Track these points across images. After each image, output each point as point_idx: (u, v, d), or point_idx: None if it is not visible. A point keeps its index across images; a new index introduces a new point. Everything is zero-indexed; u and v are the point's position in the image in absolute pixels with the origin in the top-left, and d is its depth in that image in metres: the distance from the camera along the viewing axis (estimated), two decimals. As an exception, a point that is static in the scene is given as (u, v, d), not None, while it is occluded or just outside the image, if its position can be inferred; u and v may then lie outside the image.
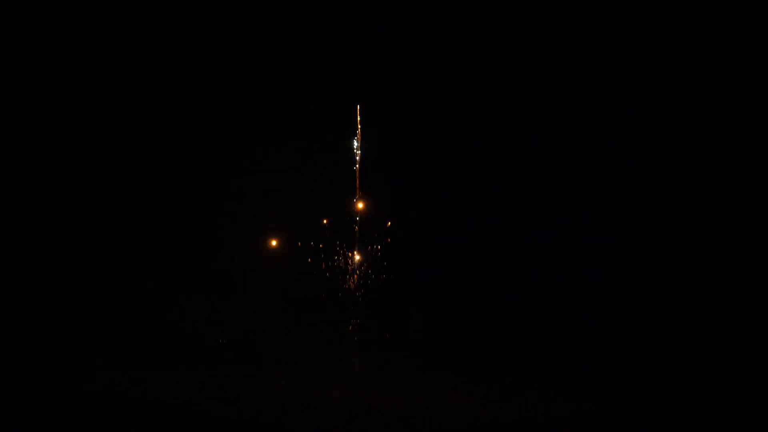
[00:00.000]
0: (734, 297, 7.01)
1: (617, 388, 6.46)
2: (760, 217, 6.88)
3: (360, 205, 7.16)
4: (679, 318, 7.00)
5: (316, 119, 7.19)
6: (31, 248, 6.91)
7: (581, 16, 7.03)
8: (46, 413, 5.59)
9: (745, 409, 5.90)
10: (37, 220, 6.93)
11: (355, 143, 7.04)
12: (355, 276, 7.16)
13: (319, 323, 7.36)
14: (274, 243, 7.32)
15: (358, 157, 7.03)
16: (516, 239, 7.09)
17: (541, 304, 7.09)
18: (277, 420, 5.54)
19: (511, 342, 7.15)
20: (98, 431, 5.29)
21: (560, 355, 7.01)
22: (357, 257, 7.21)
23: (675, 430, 5.58)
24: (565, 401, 6.15)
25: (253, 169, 7.31)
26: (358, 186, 7.09)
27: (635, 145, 7.15)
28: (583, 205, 7.14)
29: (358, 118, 6.94)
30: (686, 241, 7.07)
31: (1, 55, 6.80)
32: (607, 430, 5.59)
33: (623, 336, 7.05)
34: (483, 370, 7.15)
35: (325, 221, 7.17)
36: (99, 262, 7.05)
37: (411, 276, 7.26)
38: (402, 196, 7.31)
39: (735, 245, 6.93)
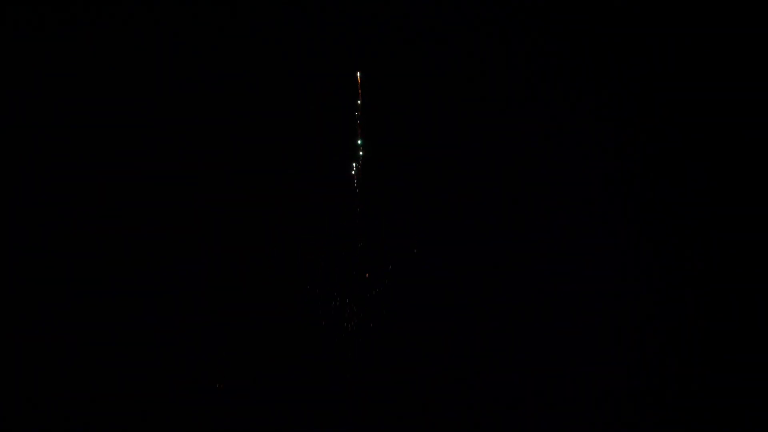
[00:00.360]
0: (735, 297, 7.06)
1: (617, 388, 6.52)
2: (760, 217, 6.92)
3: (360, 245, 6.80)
4: (679, 318, 7.03)
5: (314, 123, 7.18)
6: (31, 248, 6.94)
7: (581, 16, 7.08)
8: (45, 413, 5.62)
9: (745, 408, 5.95)
10: (37, 220, 6.96)
11: (358, 143, 6.87)
12: (353, 323, 6.53)
13: (314, 372, 6.88)
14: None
15: (356, 180, 6.68)
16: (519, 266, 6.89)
17: (542, 307, 7.11)
18: None
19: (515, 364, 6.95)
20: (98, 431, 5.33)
21: (560, 356, 7.05)
22: (355, 302, 6.56)
23: (674, 430, 5.62)
24: (564, 402, 6.20)
25: (250, 174, 7.04)
26: (358, 211, 6.77)
27: (635, 145, 7.18)
28: (583, 205, 7.17)
29: (359, 91, 6.68)
30: (686, 242, 7.10)
31: (1, 55, 6.86)
32: (607, 429, 5.62)
33: (622, 336, 7.08)
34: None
35: (321, 263, 6.83)
36: (99, 262, 7.07)
37: (413, 324, 6.89)
38: (404, 216, 6.98)
39: (735, 245, 6.97)
